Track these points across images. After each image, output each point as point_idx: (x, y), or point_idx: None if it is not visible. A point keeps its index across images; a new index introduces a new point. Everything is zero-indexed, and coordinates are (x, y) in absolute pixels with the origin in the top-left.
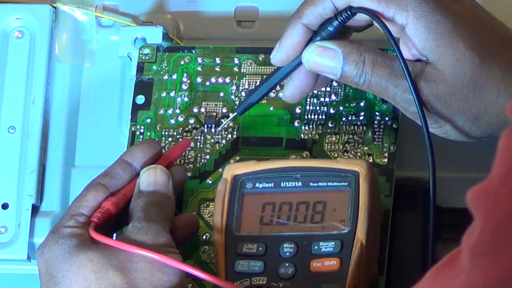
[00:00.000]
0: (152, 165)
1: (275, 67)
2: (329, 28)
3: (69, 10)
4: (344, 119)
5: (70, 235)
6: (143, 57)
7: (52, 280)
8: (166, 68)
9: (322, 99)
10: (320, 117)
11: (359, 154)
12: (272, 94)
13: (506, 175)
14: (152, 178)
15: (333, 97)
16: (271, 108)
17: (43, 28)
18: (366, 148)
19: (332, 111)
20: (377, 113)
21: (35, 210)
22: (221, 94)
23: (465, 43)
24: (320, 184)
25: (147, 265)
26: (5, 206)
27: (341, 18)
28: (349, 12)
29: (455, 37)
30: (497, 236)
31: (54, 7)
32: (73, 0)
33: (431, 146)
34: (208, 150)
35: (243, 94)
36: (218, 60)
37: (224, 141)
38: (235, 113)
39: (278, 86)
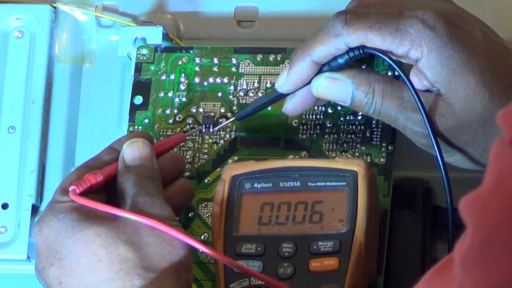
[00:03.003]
0: (134, 139)
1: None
2: (339, 61)
3: (69, 10)
4: (342, 118)
5: (69, 209)
6: (141, 57)
7: (55, 255)
8: (164, 68)
9: None
10: (318, 116)
11: (357, 153)
12: None
13: (495, 183)
14: (136, 152)
15: None
16: (269, 108)
17: (43, 28)
18: (364, 147)
19: (330, 110)
20: None
21: (35, 210)
22: (219, 94)
23: (476, 78)
24: (318, 184)
25: (156, 239)
26: (5, 206)
27: (353, 54)
28: (361, 51)
29: (467, 72)
30: (487, 244)
31: (54, 7)
32: (73, 0)
33: (443, 161)
34: (206, 150)
35: (241, 94)
36: (216, 60)
37: (222, 141)
38: (233, 118)
39: None
